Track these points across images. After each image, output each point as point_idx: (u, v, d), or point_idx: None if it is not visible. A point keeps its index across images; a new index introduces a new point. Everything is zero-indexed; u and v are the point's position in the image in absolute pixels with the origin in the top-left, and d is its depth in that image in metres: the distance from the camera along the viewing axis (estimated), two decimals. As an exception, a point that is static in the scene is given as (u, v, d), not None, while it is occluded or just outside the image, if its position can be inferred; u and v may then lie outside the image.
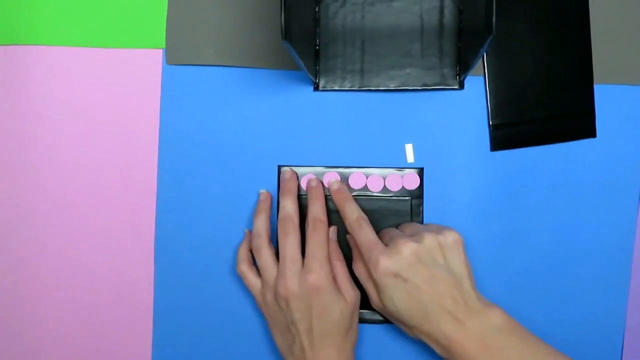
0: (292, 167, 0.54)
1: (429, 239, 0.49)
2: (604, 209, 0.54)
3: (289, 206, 0.51)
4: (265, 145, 0.54)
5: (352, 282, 0.52)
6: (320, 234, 0.51)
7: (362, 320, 0.54)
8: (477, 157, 0.54)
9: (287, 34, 0.41)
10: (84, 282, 0.55)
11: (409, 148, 0.54)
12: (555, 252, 0.54)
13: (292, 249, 0.50)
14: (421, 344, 0.53)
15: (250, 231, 0.54)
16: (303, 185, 0.54)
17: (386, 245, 0.49)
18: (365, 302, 0.53)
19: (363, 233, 0.50)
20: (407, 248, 0.48)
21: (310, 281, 0.49)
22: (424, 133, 0.54)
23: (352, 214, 0.51)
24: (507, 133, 0.53)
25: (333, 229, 0.53)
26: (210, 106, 0.54)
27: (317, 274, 0.49)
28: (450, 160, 0.54)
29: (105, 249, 0.55)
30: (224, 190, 0.54)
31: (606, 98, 0.54)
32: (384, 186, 0.54)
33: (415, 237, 0.49)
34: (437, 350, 0.48)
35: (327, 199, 0.54)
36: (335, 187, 0.53)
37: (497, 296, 0.53)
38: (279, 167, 0.54)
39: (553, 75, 0.53)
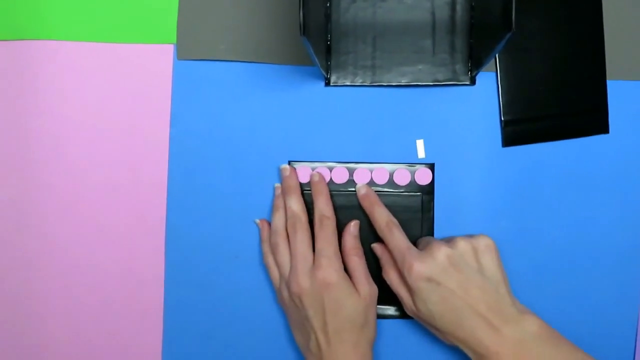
0: (303, 163, 0.54)
1: (462, 244, 0.49)
2: (616, 205, 0.54)
3: (294, 205, 0.52)
4: (276, 140, 0.54)
5: (369, 277, 0.51)
6: (327, 230, 0.51)
7: (380, 316, 0.54)
8: (488, 152, 0.54)
9: (305, 30, 0.41)
10: (94, 280, 0.55)
11: (420, 144, 0.54)
12: (567, 249, 0.54)
13: (302, 246, 0.50)
14: (437, 341, 0.53)
15: (263, 221, 0.54)
16: (307, 178, 0.54)
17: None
18: (383, 297, 0.52)
19: (394, 238, 0.50)
20: (440, 252, 0.48)
21: (320, 277, 0.49)
22: (435, 129, 0.54)
23: (382, 218, 0.51)
24: (519, 129, 0.53)
25: (354, 223, 0.53)
26: (221, 101, 0.54)
27: (326, 270, 0.49)
28: (461, 156, 0.54)
29: (116, 245, 0.55)
30: (234, 186, 0.54)
31: (619, 94, 0.53)
32: (393, 181, 0.54)
33: (449, 242, 0.49)
34: (472, 357, 0.48)
35: (335, 194, 0.54)
36: (362, 191, 0.53)
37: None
38: (289, 162, 0.54)
39: (565, 71, 0.53)
